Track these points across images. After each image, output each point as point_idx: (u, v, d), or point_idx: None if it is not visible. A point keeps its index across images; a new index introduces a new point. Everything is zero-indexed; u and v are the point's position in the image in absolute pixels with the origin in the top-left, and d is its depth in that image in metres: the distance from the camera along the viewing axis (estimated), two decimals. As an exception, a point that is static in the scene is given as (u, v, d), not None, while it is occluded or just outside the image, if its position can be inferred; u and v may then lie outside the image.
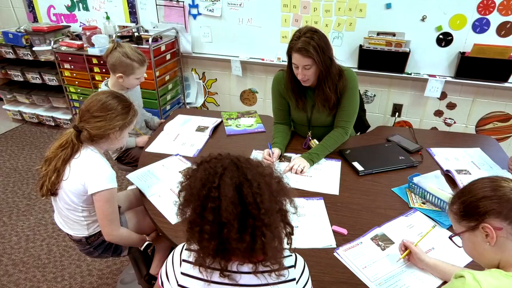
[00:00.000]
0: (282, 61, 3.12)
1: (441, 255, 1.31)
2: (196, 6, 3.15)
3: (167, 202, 1.58)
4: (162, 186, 1.67)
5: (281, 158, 1.89)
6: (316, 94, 1.92)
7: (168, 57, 3.24)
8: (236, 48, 3.24)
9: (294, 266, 0.97)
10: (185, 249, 0.97)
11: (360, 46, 2.80)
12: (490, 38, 2.59)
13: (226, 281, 0.90)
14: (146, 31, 3.34)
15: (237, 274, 0.90)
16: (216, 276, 0.90)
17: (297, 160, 1.83)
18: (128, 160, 2.29)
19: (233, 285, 0.91)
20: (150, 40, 2.89)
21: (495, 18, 2.53)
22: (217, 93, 3.63)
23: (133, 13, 3.36)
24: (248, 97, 3.54)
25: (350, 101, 1.93)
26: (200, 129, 2.19)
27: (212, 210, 0.85)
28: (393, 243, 1.38)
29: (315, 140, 1.99)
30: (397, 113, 3.10)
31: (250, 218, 0.85)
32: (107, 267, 2.22)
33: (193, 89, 3.66)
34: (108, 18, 3.40)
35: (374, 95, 3.10)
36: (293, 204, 0.95)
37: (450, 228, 1.43)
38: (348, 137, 1.99)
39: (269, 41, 3.10)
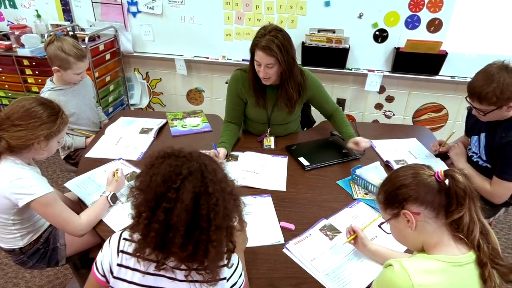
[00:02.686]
0: (227, 59, 3.10)
1: (383, 242, 1.37)
2: (136, 4, 3.04)
3: (110, 210, 1.50)
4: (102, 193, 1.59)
5: (227, 157, 1.88)
6: (279, 93, 1.93)
7: (107, 57, 3.09)
8: (180, 47, 3.17)
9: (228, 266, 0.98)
10: (124, 239, 0.96)
11: (303, 43, 2.86)
12: (421, 34, 2.75)
13: (162, 273, 0.91)
14: (83, 30, 3.17)
15: (173, 269, 0.91)
16: (152, 268, 0.91)
17: (360, 139, 1.85)
18: (78, 160, 2.17)
19: (168, 278, 0.92)
20: (86, 39, 2.74)
21: (425, 15, 2.69)
22: (162, 93, 3.53)
23: (67, 11, 3.16)
24: (194, 96, 3.49)
25: (325, 93, 2.06)
26: (144, 131, 2.12)
27: (164, 210, 0.84)
28: (341, 232, 1.43)
29: (271, 137, 2.01)
30: (341, 108, 3.20)
31: (198, 230, 0.85)
32: (49, 282, 2.08)
33: (136, 90, 3.53)
34: (39, 16, 3.18)
35: (319, 91, 3.18)
36: (242, 222, 0.97)
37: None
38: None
39: (213, 39, 3.06)
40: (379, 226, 1.11)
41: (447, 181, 0.95)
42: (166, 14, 3.04)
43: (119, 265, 0.94)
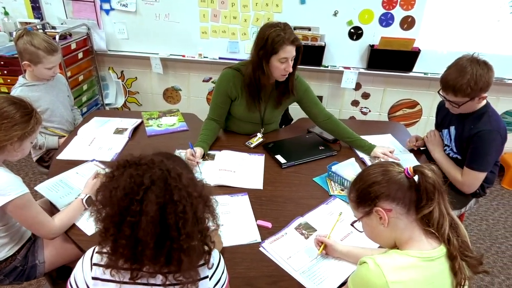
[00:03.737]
0: (204, 57, 3.07)
1: (358, 238, 1.38)
2: (108, 1, 2.97)
3: (84, 213, 1.46)
4: (77, 196, 1.55)
5: (204, 156, 1.86)
6: (274, 91, 1.96)
7: (80, 55, 3.01)
8: (155, 45, 3.12)
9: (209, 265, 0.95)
10: (96, 252, 0.91)
11: (279, 40, 2.86)
12: (395, 31, 2.80)
13: (139, 281, 0.88)
14: (54, 28, 3.07)
15: (151, 274, 0.88)
16: (128, 277, 0.87)
17: (381, 148, 1.90)
18: (51, 162, 2.10)
19: (145, 285, 0.89)
20: (57, 37, 2.66)
21: (398, 13, 2.74)
22: (138, 92, 3.47)
23: (36, 8, 3.06)
24: (171, 95, 3.44)
25: (315, 97, 2.06)
26: (119, 131, 2.07)
27: (130, 225, 0.80)
28: (316, 230, 1.43)
29: (260, 138, 2.02)
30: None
31: (169, 240, 0.82)
32: (22, 289, 2.02)
33: (111, 89, 3.46)
34: (6, 13, 3.06)
35: (296, 88, 3.19)
36: (216, 221, 0.93)
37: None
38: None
39: (189, 37, 3.03)
40: (352, 224, 1.12)
41: (416, 177, 0.96)
42: (140, 12, 2.98)
43: (94, 278, 0.90)
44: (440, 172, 0.98)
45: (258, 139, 2.02)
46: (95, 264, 0.90)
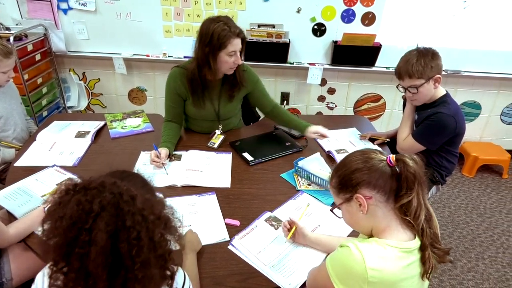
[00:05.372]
0: (169, 56, 3.02)
1: (326, 230, 1.41)
2: (66, 0, 2.86)
3: (43, 221, 1.41)
4: (37, 203, 1.48)
5: (170, 157, 1.83)
6: (228, 81, 1.96)
7: (38, 57, 2.89)
8: (118, 45, 3.03)
9: None
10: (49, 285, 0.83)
11: (244, 38, 2.86)
12: (356, 27, 2.86)
13: None
14: (8, 28, 2.93)
15: None
16: None
17: (315, 128, 1.95)
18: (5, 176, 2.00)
19: None
20: (11, 39, 2.54)
21: (359, 9, 2.80)
22: (102, 94, 3.37)
23: (-12, 8, 2.91)
24: (137, 96, 3.37)
25: (264, 88, 2.09)
26: (81, 134, 2.01)
27: (79, 257, 0.73)
28: (285, 222, 1.45)
29: (221, 136, 2.00)
30: (285, 101, 3.26)
31: (123, 270, 0.76)
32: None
33: (73, 92, 3.34)
34: (-45, 14, 2.90)
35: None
36: (181, 241, 0.88)
37: (332, 205, 1.54)
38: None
39: (153, 36, 2.97)
40: (331, 210, 1.13)
41: (398, 167, 0.97)
42: (100, 11, 2.90)
43: None
44: (422, 163, 0.99)
45: (217, 136, 2.00)
46: None
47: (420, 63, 1.74)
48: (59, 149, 1.88)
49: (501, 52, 2.92)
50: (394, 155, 0.99)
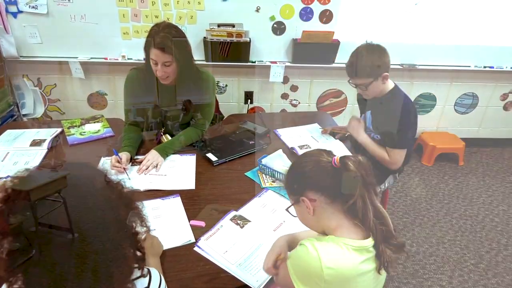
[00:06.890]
0: (128, 59, 2.95)
1: (291, 226, 1.43)
2: (15, 3, 2.73)
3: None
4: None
5: (132, 161, 1.80)
6: (177, 92, 1.89)
7: (-13, 64, 2.75)
8: (73, 48, 2.93)
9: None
10: None
11: (204, 38, 2.84)
12: (315, 25, 2.91)
13: None
14: (-48, 34, 2.77)
15: None
16: None
17: (150, 155, 1.77)
18: None
19: None
20: (-44, 45, 2.40)
21: (316, 7, 2.85)
22: (59, 100, 3.25)
23: None
24: (97, 100, 3.27)
25: (208, 102, 1.98)
26: (36, 143, 1.93)
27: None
28: (250, 221, 1.45)
29: (167, 135, 1.97)
30: (249, 100, 3.27)
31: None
32: None
33: (28, 98, 3.19)
34: None
35: (226, 85, 3.20)
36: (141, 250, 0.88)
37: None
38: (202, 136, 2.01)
39: (110, 38, 2.88)
40: (287, 209, 1.14)
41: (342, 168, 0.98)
42: (52, 14, 2.78)
43: None
44: (369, 164, 1.00)
45: (167, 137, 1.97)
46: None
47: (368, 63, 1.77)
48: (13, 159, 1.80)
49: (453, 46, 3.07)
50: (339, 157, 0.99)
